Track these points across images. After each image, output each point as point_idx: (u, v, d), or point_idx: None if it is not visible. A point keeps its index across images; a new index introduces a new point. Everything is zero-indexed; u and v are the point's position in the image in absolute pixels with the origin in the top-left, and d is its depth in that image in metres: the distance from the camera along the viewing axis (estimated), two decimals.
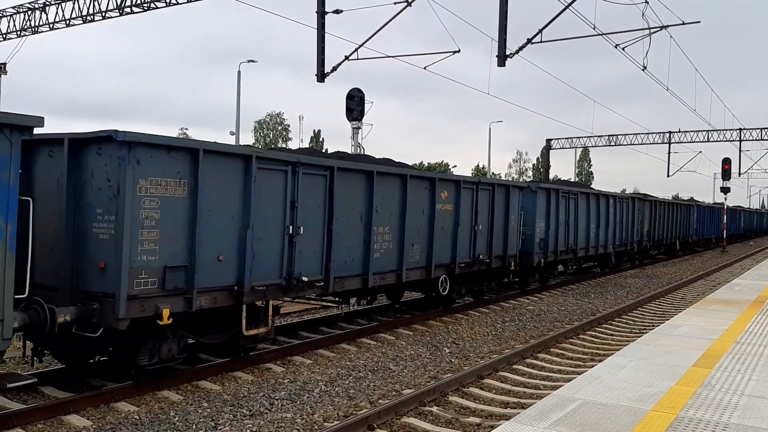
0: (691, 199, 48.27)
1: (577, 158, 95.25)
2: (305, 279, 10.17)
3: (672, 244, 34.98)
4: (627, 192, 50.92)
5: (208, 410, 8.03)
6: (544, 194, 19.17)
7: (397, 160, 14.88)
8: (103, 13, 23.92)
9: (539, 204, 18.71)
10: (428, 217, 13.42)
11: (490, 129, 70.79)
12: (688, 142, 49.02)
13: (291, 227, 9.95)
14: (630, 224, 26.68)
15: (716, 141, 47.32)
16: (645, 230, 29.15)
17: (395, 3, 19.11)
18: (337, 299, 13.42)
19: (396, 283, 12.82)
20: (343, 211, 11.13)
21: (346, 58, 20.29)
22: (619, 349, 9.35)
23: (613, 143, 52.23)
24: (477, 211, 15.10)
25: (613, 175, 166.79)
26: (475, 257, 15.08)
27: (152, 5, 22.99)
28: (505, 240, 16.40)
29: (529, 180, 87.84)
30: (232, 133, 42.43)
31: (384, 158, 14.68)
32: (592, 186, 52.13)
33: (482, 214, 15.40)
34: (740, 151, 47.63)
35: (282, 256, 9.86)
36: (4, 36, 27.08)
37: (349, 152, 21.88)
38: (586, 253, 22.66)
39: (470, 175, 40.97)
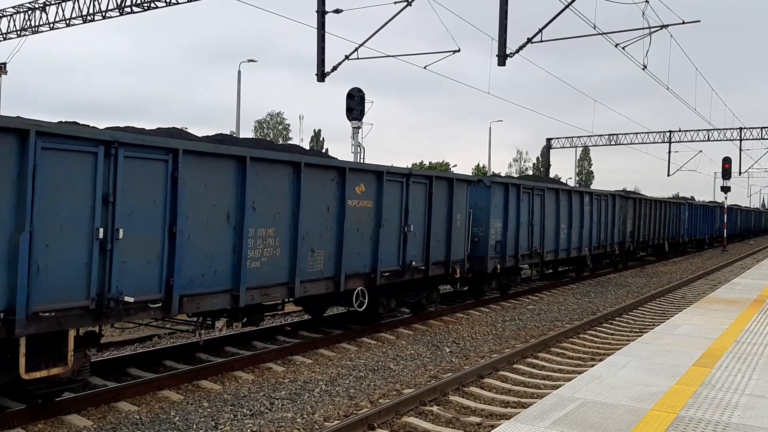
0: (692, 198, 48.29)
1: (578, 158, 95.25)
2: (129, 299, 7.64)
3: (660, 246, 32.63)
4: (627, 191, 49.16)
5: (209, 410, 8.04)
6: (501, 190, 16.79)
7: (401, 162, 15.00)
8: (104, 13, 23.93)
9: (495, 201, 16.29)
10: (336, 216, 10.95)
11: (490, 128, 70.74)
12: (689, 141, 49.10)
13: (103, 230, 7.40)
14: (610, 224, 24.53)
15: (716, 140, 47.42)
16: (628, 230, 26.94)
17: (395, 2, 19.13)
18: (196, 321, 9.71)
19: (287, 298, 10.55)
20: (198, 209, 8.60)
21: (347, 57, 20.30)
22: (619, 349, 9.34)
23: (613, 143, 52.29)
24: (407, 210, 12.65)
25: (613, 174, 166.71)
26: (405, 264, 12.68)
27: (152, 5, 23.00)
28: (448, 243, 14.00)
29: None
30: (232, 133, 42.42)
31: (292, 144, 12.30)
32: (591, 185, 51.39)
33: (415, 212, 12.92)
34: (740, 150, 47.68)
35: (89, 269, 7.32)
36: (4, 36, 27.10)
37: (351, 152, 21.94)
38: (556, 257, 20.19)
39: (470, 174, 40.17)
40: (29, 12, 26.05)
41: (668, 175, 50.37)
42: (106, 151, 7.40)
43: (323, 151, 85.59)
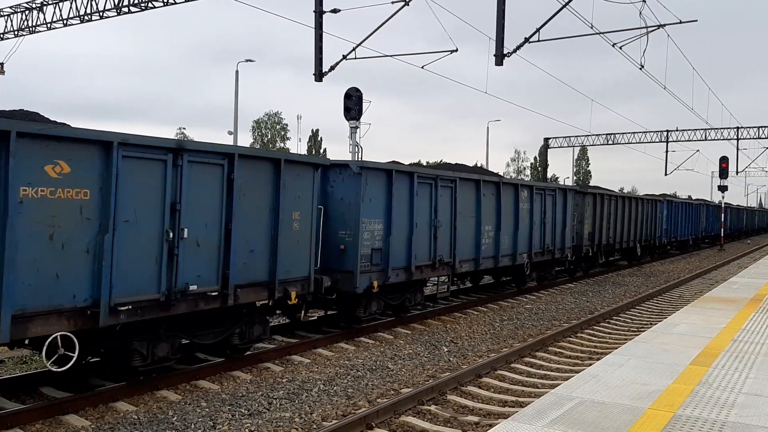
0: (689, 197, 48.24)
1: (575, 158, 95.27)
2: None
3: (630, 249, 28.17)
4: (626, 191, 48.19)
5: (207, 410, 8.04)
6: (380, 179, 12.26)
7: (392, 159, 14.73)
8: (101, 13, 23.91)
9: (370, 194, 11.94)
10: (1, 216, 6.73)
11: (488, 128, 70.79)
12: (686, 141, 49.17)
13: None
14: (560, 225, 20.14)
15: (714, 140, 47.47)
16: (586, 232, 22.75)
17: (393, 2, 19.12)
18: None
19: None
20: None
21: (344, 57, 20.29)
22: (616, 348, 9.36)
23: (610, 142, 52.34)
24: (180, 206, 8.28)
25: (610, 174, 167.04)
26: (172, 291, 8.23)
27: (149, 5, 22.97)
28: (274, 255, 9.74)
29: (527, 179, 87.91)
30: (230, 133, 42.41)
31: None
32: (590, 184, 50.74)
33: (198, 211, 8.55)
34: (738, 149, 47.74)
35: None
36: (1, 36, 27.05)
37: (349, 152, 21.94)
38: (477, 267, 15.58)
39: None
40: (26, 12, 26.02)
41: (665, 175, 50.48)
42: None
43: (321, 151, 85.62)
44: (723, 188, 46.49)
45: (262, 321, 10.28)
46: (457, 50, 19.42)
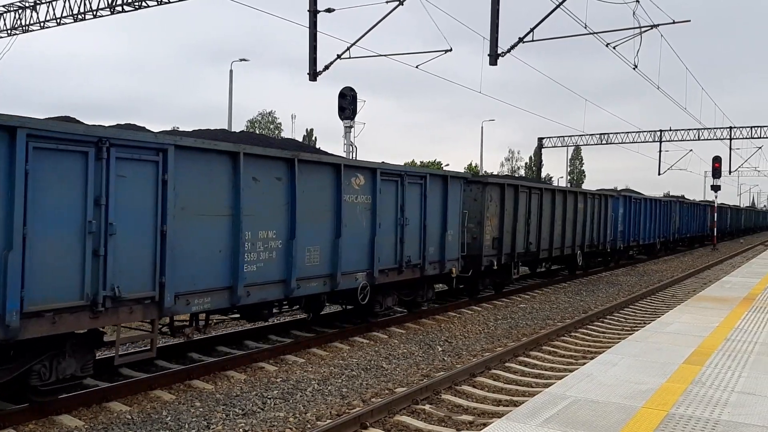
0: (682, 197, 48.23)
1: (569, 157, 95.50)
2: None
3: (568, 258, 22.57)
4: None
5: (201, 409, 8.02)
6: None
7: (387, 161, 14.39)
8: (94, 12, 23.83)
9: None
10: None
11: (482, 127, 70.73)
12: (679, 140, 49.37)
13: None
14: (435, 227, 13.83)
15: (707, 139, 47.75)
16: (489, 237, 16.48)
17: (387, 2, 19.13)
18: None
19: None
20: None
21: (339, 56, 20.29)
22: (610, 347, 9.38)
23: (604, 142, 52.50)
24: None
25: (604, 173, 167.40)
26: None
27: (143, 4, 22.91)
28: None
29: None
30: None
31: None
32: (583, 185, 49.97)
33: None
34: (730, 149, 47.99)
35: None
36: None
37: (343, 151, 21.92)
38: (226, 302, 9.02)
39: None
40: (19, 11, 25.92)
41: (659, 174, 50.63)
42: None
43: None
44: (716, 188, 46.67)
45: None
46: (451, 50, 19.44)
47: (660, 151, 49.66)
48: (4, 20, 26.44)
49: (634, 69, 20.18)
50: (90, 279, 7.19)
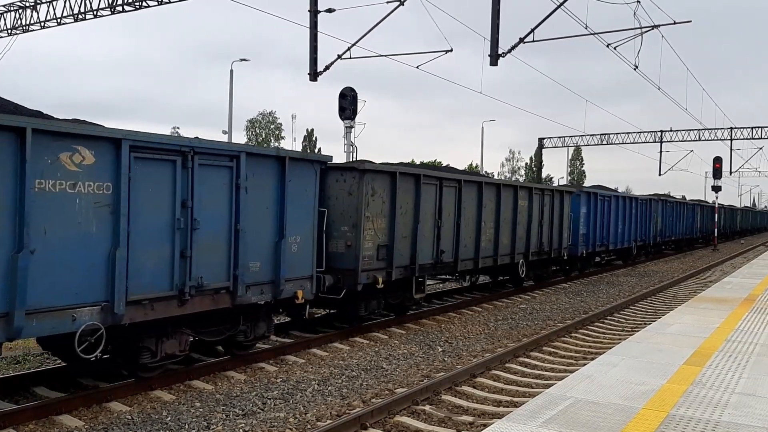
0: (683, 197, 47.97)
1: (570, 157, 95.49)
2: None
3: (506, 268, 18.33)
4: (620, 191, 44.21)
5: (201, 410, 8.02)
6: None
7: (386, 160, 14.03)
8: (95, 12, 23.84)
9: None
10: None
11: (482, 128, 70.66)
12: (680, 141, 49.36)
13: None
14: (257, 231, 9.57)
15: (707, 140, 47.72)
16: (367, 245, 12.11)
17: (388, 2, 19.13)
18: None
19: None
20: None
21: (339, 57, 20.29)
22: (611, 348, 9.38)
23: (605, 142, 52.49)
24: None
25: (605, 174, 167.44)
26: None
27: (144, 4, 22.92)
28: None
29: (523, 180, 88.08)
30: (224, 132, 42.36)
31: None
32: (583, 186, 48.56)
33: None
34: (731, 150, 47.97)
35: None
36: None
37: (344, 152, 21.92)
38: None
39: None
40: (20, 10, 25.92)
41: (659, 175, 50.62)
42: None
43: (317, 150, 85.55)
44: (717, 188, 46.64)
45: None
46: (451, 50, 19.44)
47: (661, 151, 49.65)
48: (5, 20, 26.45)
49: (634, 69, 20.18)
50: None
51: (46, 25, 25.39)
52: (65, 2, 24.33)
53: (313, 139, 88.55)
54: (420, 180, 13.51)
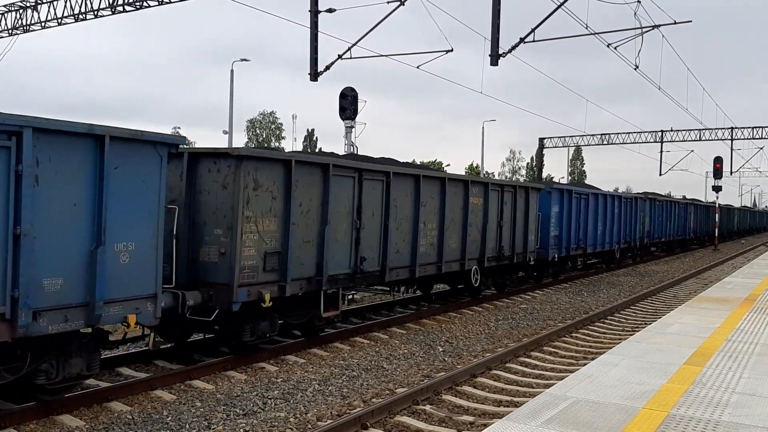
0: (683, 197, 47.75)
1: (570, 157, 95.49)
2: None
3: (457, 276, 15.80)
4: (621, 191, 42.63)
5: (201, 410, 8.03)
6: None
7: (384, 158, 14.33)
8: (96, 12, 23.85)
9: None
10: None
11: (483, 128, 70.66)
12: (681, 141, 49.35)
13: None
14: (53, 238, 6.92)
15: (708, 140, 47.72)
16: (248, 253, 9.58)
17: (388, 2, 19.13)
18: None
19: None
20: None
21: (340, 57, 20.29)
22: (611, 348, 9.38)
23: (605, 142, 52.49)
24: None
25: (606, 174, 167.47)
26: None
27: (144, 4, 22.93)
28: None
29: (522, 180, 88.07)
30: (225, 132, 42.38)
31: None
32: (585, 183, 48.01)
33: None
34: (732, 150, 47.97)
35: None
36: None
37: (344, 151, 21.93)
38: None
39: (464, 174, 28.46)
40: (21, 11, 25.94)
41: (660, 175, 50.59)
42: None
43: (317, 150, 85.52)
44: (717, 188, 46.61)
45: None
46: (452, 50, 19.44)
47: (661, 151, 49.63)
48: (6, 20, 26.47)
49: (635, 69, 20.18)
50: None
51: (46, 26, 25.41)
52: (66, 2, 24.35)
53: (314, 139, 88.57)
54: (329, 171, 10.89)
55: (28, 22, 25.77)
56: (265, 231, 9.78)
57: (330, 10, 19.86)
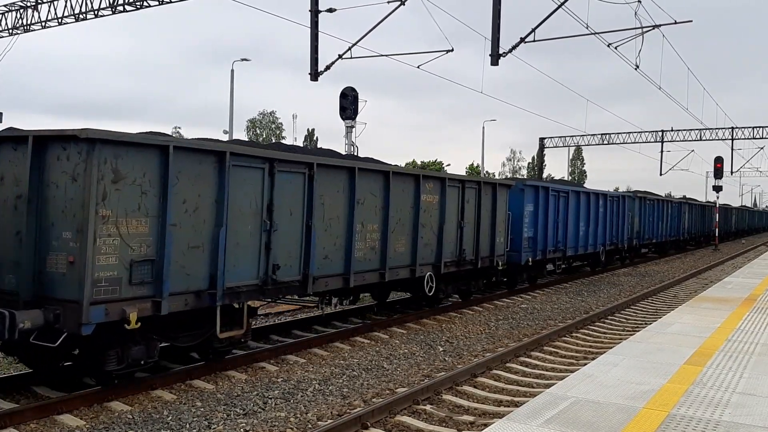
0: (683, 197, 47.72)
1: (570, 157, 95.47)
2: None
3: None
4: (621, 191, 40.84)
5: (202, 409, 8.03)
6: None
7: (382, 160, 14.19)
8: (96, 12, 23.84)
9: None
10: None
11: (483, 128, 70.65)
12: (681, 141, 49.32)
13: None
14: None
15: (709, 140, 47.66)
16: (105, 259, 7.65)
17: (388, 2, 19.13)
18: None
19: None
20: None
21: (340, 56, 20.29)
22: (611, 347, 9.38)
23: (606, 142, 52.47)
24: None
25: (606, 174, 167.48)
26: None
27: (145, 4, 22.93)
28: None
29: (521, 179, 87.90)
30: (225, 132, 42.37)
31: None
32: (584, 185, 47.84)
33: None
34: (732, 150, 47.94)
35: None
36: None
37: (344, 151, 21.92)
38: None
39: (464, 174, 28.35)
40: (21, 10, 25.93)
41: (660, 175, 50.57)
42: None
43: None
44: (718, 188, 46.61)
45: None
46: (452, 50, 19.43)
47: (662, 151, 49.59)
48: (6, 20, 26.47)
49: (635, 69, 20.16)
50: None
51: (47, 25, 25.40)
52: (66, 2, 24.34)
53: (314, 138, 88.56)
54: (226, 160, 8.85)
55: (29, 22, 25.77)
56: (131, 234, 7.90)
57: (330, 10, 19.86)
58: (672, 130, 49.38)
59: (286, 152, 10.64)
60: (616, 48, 18.84)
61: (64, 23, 24.76)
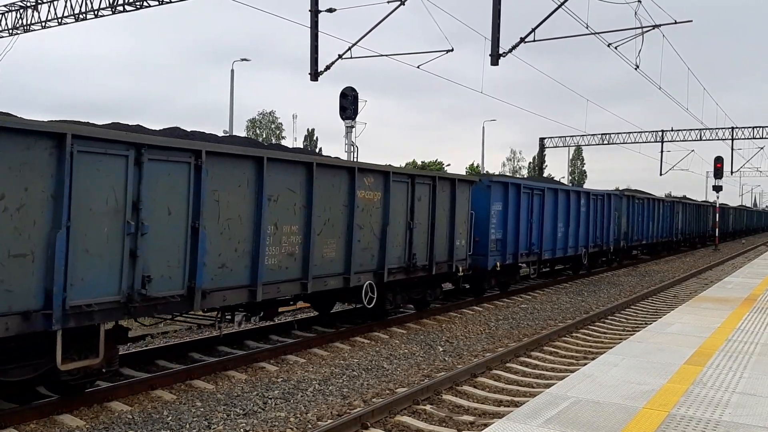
0: (684, 197, 47.77)
1: (570, 157, 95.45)
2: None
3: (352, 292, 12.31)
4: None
5: (202, 409, 8.03)
6: None
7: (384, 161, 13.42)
8: (96, 12, 23.85)
9: None
10: None
11: (483, 128, 70.64)
12: (681, 141, 49.34)
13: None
14: None
15: (709, 140, 47.70)
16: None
17: (388, 2, 19.13)
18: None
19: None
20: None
21: (340, 56, 20.29)
22: (611, 347, 9.38)
23: (606, 142, 52.50)
24: None
25: (606, 174, 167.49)
26: None
27: (144, 4, 22.93)
28: None
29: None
30: (225, 132, 42.36)
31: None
32: (584, 185, 47.93)
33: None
34: (732, 149, 47.96)
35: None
36: None
37: (344, 151, 21.92)
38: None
39: (464, 174, 28.03)
40: (21, 10, 25.94)
41: (660, 175, 50.59)
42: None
43: (317, 150, 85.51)
44: (718, 188, 46.61)
45: None
46: (452, 50, 19.44)
47: (662, 151, 49.62)
48: (6, 20, 26.47)
49: (635, 69, 20.17)
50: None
51: (47, 25, 25.41)
52: (66, 2, 24.35)
53: (314, 138, 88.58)
54: (66, 146, 6.93)
55: (29, 22, 25.78)
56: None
57: (330, 10, 19.87)
58: (672, 130, 49.42)
59: (163, 137, 8.48)
60: (616, 48, 18.86)
61: (64, 23, 24.78)
